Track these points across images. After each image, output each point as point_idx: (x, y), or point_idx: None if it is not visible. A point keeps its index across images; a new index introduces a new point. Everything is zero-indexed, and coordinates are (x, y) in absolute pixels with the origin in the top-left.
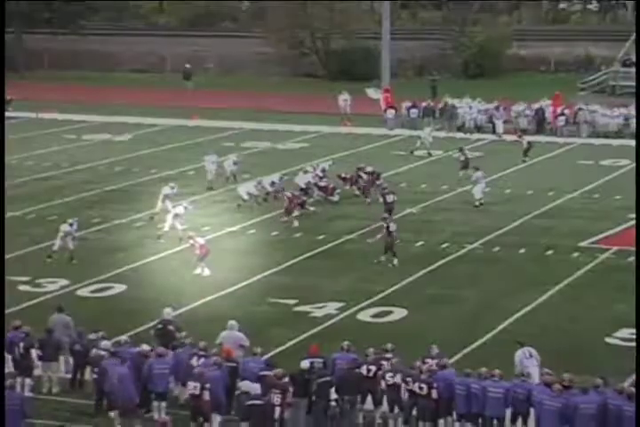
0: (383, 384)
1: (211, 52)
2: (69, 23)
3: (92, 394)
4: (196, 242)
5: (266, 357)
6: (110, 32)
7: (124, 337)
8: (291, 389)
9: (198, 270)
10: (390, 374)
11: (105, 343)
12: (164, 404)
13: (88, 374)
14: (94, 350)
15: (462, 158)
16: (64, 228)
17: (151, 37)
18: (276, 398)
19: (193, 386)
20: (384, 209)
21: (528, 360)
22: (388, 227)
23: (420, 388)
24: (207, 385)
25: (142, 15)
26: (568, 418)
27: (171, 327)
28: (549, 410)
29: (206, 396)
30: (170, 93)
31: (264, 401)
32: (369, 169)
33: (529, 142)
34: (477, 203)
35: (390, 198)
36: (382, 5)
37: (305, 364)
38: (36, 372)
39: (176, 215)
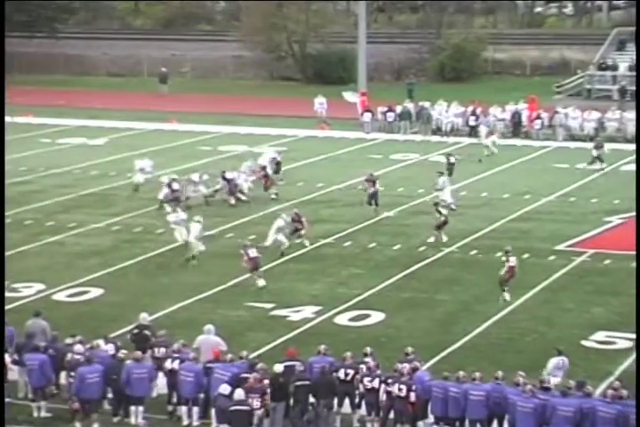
0: (362, 388)
1: (187, 55)
2: (45, 26)
3: (68, 399)
4: (247, 254)
5: (241, 361)
6: (85, 35)
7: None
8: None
9: (260, 282)
10: (368, 378)
11: (77, 348)
12: (141, 408)
13: (64, 379)
14: (70, 355)
15: (452, 161)
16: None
17: (127, 41)
18: (255, 403)
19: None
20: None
21: (558, 370)
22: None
23: (400, 389)
24: None
25: (117, 16)
26: (543, 419)
27: (147, 332)
28: (523, 412)
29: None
30: (146, 97)
31: (248, 407)
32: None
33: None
34: (453, 206)
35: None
36: (358, 6)
37: (279, 367)
38: (13, 376)
39: (279, 229)
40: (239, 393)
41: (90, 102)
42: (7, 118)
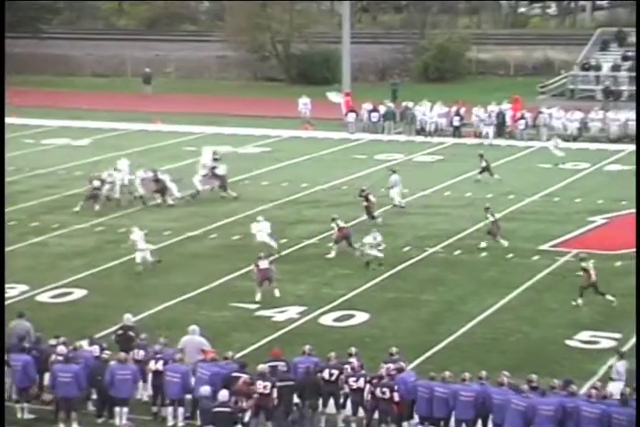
0: (347, 388)
1: (170, 55)
2: (28, 26)
3: (52, 400)
4: (257, 265)
5: (225, 362)
6: (69, 36)
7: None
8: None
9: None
10: (353, 378)
11: (60, 349)
12: (125, 409)
13: (47, 380)
14: (53, 356)
15: (483, 164)
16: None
17: (111, 41)
18: (243, 404)
19: None
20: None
21: (621, 374)
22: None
23: (383, 392)
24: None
25: (101, 17)
26: (528, 419)
27: (131, 333)
28: (517, 410)
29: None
30: (130, 98)
31: (232, 408)
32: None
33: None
34: (399, 205)
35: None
36: (342, 6)
37: (262, 367)
38: None
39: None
40: (223, 394)
41: (74, 103)
42: None
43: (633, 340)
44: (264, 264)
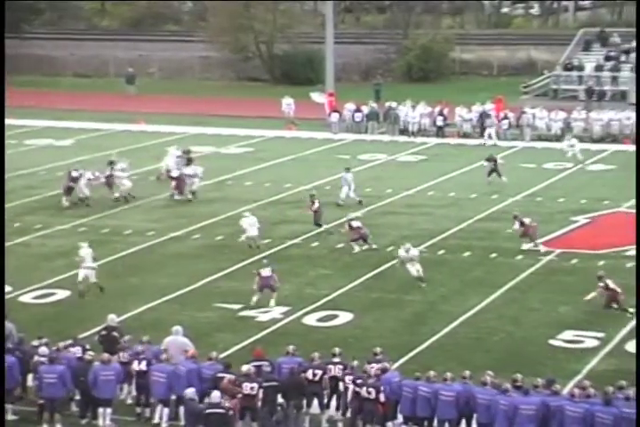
0: (342, 387)
1: (154, 56)
2: (11, 27)
3: (35, 401)
4: (259, 272)
5: (209, 363)
6: (52, 36)
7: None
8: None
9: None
10: (350, 378)
11: (42, 350)
12: (109, 410)
13: (31, 381)
14: (36, 357)
15: (492, 166)
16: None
17: (94, 42)
18: (227, 404)
19: None
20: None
21: None
22: None
23: (369, 392)
24: None
25: (84, 17)
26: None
27: (115, 334)
28: (499, 410)
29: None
30: (113, 98)
31: (225, 409)
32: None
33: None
34: (341, 202)
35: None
36: (325, 6)
37: (246, 368)
38: None
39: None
40: (215, 396)
41: (57, 103)
42: None
43: (616, 339)
44: (266, 272)
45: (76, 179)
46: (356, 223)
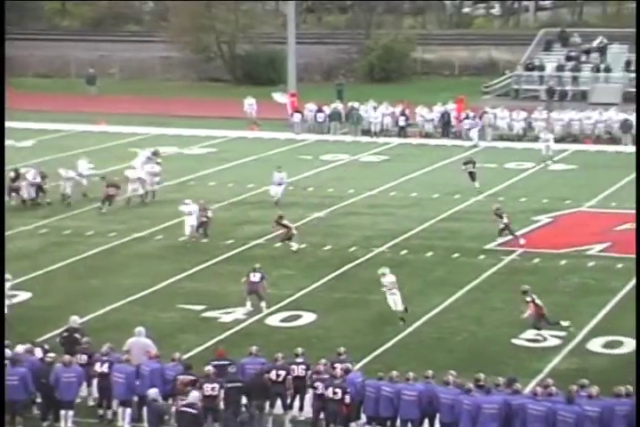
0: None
1: (115, 56)
2: None
3: None
4: (248, 276)
5: (172, 364)
6: (12, 36)
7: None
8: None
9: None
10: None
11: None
12: (70, 413)
13: None
14: None
15: (470, 170)
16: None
17: (54, 42)
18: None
19: None
20: None
21: None
22: None
23: (335, 393)
24: None
25: (44, 17)
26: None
27: (77, 335)
28: (463, 409)
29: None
30: (74, 99)
31: (198, 411)
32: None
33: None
34: (276, 200)
35: None
36: (287, 6)
37: (208, 369)
38: None
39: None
40: (194, 396)
41: (17, 104)
42: None
43: (578, 338)
44: (255, 278)
45: (16, 179)
46: (286, 221)
